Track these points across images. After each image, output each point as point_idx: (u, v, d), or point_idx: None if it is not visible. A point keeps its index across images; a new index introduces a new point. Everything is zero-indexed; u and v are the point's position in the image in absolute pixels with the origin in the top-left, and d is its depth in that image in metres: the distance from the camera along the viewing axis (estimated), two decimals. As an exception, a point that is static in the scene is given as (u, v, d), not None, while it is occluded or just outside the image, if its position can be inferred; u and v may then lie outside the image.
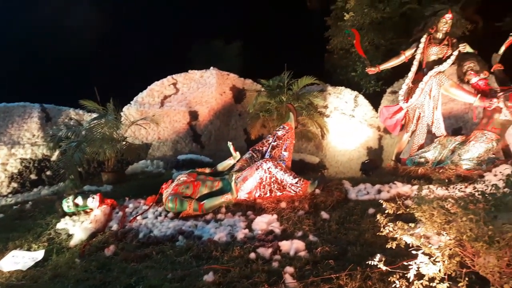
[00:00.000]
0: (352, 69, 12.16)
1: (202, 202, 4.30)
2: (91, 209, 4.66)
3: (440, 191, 3.12)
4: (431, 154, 5.44)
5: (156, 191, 4.78)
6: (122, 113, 8.18)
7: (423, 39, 5.57)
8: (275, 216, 4.01)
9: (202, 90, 8.56)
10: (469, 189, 2.56)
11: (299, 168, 6.77)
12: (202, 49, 17.47)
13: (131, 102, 8.69)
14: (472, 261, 2.12)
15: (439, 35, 5.47)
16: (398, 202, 2.44)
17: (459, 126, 6.98)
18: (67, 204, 4.65)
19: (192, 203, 4.28)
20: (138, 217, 4.38)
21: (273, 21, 17.39)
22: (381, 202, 2.58)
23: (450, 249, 2.05)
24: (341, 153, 8.49)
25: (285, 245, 3.29)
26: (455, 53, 5.39)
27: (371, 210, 3.95)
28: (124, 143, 7.03)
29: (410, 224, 2.23)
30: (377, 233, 2.72)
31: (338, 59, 13.35)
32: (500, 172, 4.25)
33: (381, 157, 8.36)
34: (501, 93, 4.93)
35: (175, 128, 8.32)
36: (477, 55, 5.37)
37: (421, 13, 6.11)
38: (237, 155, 5.03)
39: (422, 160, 5.47)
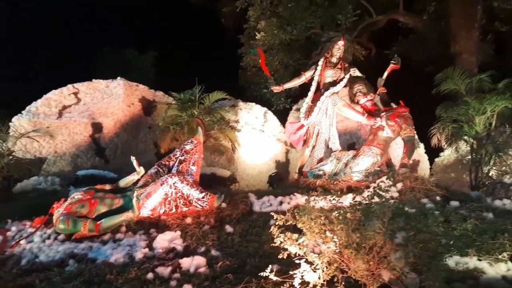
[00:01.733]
0: (264, 86, 12.72)
1: (99, 222, 4.02)
2: (-39, 236, 4.00)
3: (331, 202, 3.43)
4: (328, 167, 5.92)
5: (48, 211, 4.33)
6: (10, 124, 7.27)
7: (320, 62, 6.11)
8: (178, 232, 3.94)
9: (107, 100, 8.07)
10: (358, 199, 2.86)
11: (210, 181, 6.79)
12: (113, 58, 16.57)
13: (22, 112, 7.77)
14: (349, 266, 2.35)
15: (334, 60, 6.06)
16: (287, 214, 2.59)
17: (353, 141, 7.77)
18: None
19: (87, 223, 3.98)
20: (22, 242, 3.91)
21: (191, 35, 17.39)
22: (272, 214, 2.71)
23: (330, 257, 2.24)
24: (252, 166, 8.74)
25: (185, 262, 3.25)
26: (347, 76, 6.03)
27: (272, 222, 4.11)
28: (10, 157, 6.23)
29: (295, 235, 2.40)
30: (272, 244, 2.84)
31: (251, 76, 13.86)
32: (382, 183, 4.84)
33: (288, 170, 8.82)
34: (383, 113, 5.65)
35: (75, 141, 7.66)
36: (365, 79, 6.07)
37: (323, 38, 6.75)
38: (141, 170, 4.83)
39: (321, 172, 5.91)
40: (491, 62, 10.82)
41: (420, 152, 8.08)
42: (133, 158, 4.84)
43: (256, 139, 8.84)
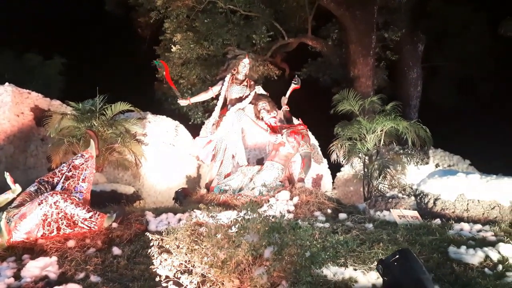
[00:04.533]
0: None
1: (-45, 250, 3.42)
2: None
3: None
4: (235, 182, 5.96)
5: None
6: None
7: (227, 78, 6.20)
8: (54, 258, 3.53)
9: (-10, 109, 7.10)
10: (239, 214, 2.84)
11: (110, 199, 6.28)
12: (11, 62, 14.74)
13: None
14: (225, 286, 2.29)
15: (240, 76, 6.22)
16: (163, 233, 2.47)
17: (262, 156, 7.93)
18: None
19: None
20: None
21: (105, 43, 16.39)
22: (147, 234, 2.56)
23: (201, 277, 2.16)
24: (160, 182, 8.36)
25: (56, 291, 2.91)
26: (252, 93, 6.20)
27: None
28: None
29: (165, 255, 2.28)
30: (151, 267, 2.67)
31: (168, 89, 13.50)
32: (280, 198, 5.01)
33: (199, 185, 8.63)
34: (284, 130, 5.89)
35: None
36: (268, 97, 6.32)
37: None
38: (17, 187, 4.27)
39: (227, 187, 5.91)
40: (385, 87, 12.15)
41: (323, 167, 8.56)
42: (7, 174, 4.30)
43: (166, 153, 8.51)
